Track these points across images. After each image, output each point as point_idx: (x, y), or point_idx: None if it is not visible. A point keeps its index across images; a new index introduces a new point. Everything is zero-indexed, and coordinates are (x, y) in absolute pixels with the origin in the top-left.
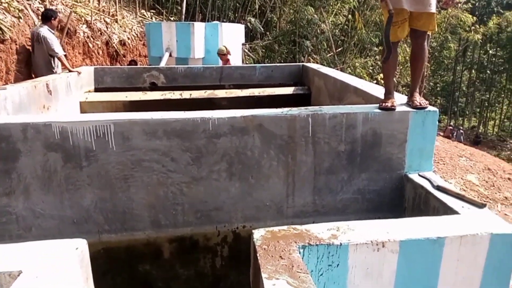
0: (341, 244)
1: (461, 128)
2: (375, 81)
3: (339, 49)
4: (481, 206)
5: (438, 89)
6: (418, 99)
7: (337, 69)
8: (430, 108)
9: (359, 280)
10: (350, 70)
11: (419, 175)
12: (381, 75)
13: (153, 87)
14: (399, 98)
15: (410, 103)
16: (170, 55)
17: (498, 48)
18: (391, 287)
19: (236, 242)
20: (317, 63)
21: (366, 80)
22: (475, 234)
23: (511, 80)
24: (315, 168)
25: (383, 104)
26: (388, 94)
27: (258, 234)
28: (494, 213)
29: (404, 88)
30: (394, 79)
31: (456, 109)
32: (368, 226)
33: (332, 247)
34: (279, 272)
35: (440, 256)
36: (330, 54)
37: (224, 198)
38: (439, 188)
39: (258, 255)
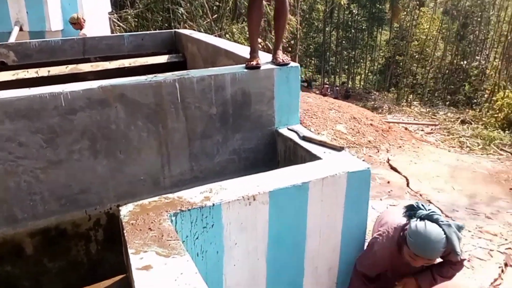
0: (213, 204)
1: (337, 85)
2: None
3: (215, 15)
4: (339, 149)
5: (311, 50)
6: (281, 56)
7: (215, 36)
8: (292, 64)
9: (235, 235)
10: (228, 36)
11: (288, 128)
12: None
13: (2, 66)
14: (264, 57)
15: (274, 60)
16: (21, 29)
17: (359, 8)
18: (265, 236)
19: (110, 223)
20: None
21: (245, 45)
22: (334, 175)
23: (371, 37)
24: (188, 134)
25: (249, 63)
26: (253, 53)
27: (125, 210)
28: (353, 155)
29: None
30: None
31: (328, 68)
32: (240, 183)
33: (205, 209)
34: (147, 244)
35: (306, 200)
36: (206, 21)
37: (91, 178)
38: (304, 138)
39: (125, 231)
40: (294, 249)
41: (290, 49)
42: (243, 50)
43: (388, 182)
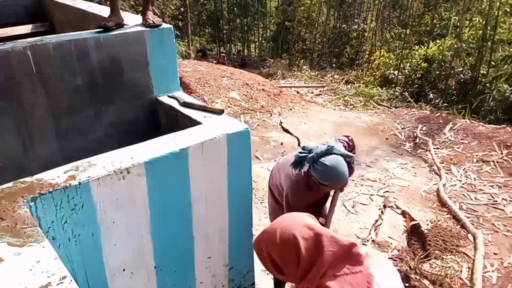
0: (80, 183)
1: (234, 53)
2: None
3: None
4: (220, 112)
5: (204, 18)
6: (151, 17)
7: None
8: (165, 25)
9: (112, 214)
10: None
11: (168, 96)
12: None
13: None
14: (132, 18)
15: (144, 22)
16: None
17: None
18: (146, 210)
19: None
20: None
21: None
22: (213, 138)
23: (261, 3)
24: (52, 110)
25: (101, 23)
26: (111, 13)
27: None
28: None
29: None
30: None
31: (223, 36)
32: (112, 157)
33: (71, 189)
34: None
35: (186, 167)
36: None
37: None
38: (185, 104)
39: None
40: (180, 219)
41: (180, 17)
42: None
43: (281, 143)
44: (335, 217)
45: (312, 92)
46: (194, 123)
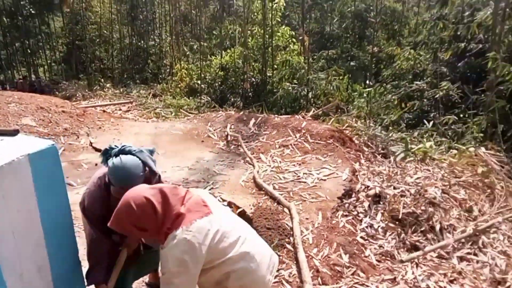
0: None
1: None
2: None
3: None
4: (13, 133)
5: None
6: None
7: None
8: None
9: None
10: None
11: None
12: None
13: None
14: None
15: None
16: None
17: None
18: None
19: None
20: None
21: None
22: (11, 162)
23: (43, 23)
24: None
25: None
26: None
27: None
28: (28, 136)
29: None
30: None
31: (1, 63)
32: None
33: None
34: None
35: None
36: None
37: None
38: None
39: None
40: None
41: None
42: None
43: (96, 164)
44: None
45: (120, 109)
46: None
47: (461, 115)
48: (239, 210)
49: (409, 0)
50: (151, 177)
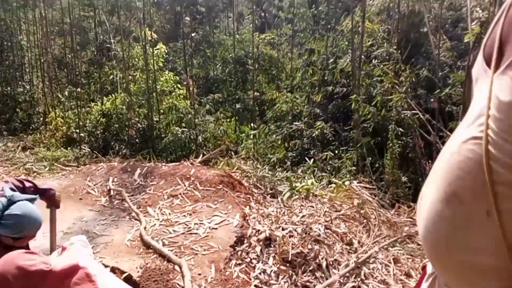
0: None
1: None
2: None
3: None
4: None
5: None
6: None
7: None
8: None
9: None
10: None
11: None
12: None
13: None
14: None
15: None
16: None
17: None
18: None
19: None
20: None
21: None
22: None
23: None
24: None
25: None
26: None
27: None
28: None
29: None
30: None
31: None
32: None
33: None
34: None
35: None
36: None
37: None
38: None
39: None
40: None
41: None
42: None
43: None
44: None
45: None
46: None
47: (336, 151)
48: (125, 275)
49: (283, 48)
50: None
